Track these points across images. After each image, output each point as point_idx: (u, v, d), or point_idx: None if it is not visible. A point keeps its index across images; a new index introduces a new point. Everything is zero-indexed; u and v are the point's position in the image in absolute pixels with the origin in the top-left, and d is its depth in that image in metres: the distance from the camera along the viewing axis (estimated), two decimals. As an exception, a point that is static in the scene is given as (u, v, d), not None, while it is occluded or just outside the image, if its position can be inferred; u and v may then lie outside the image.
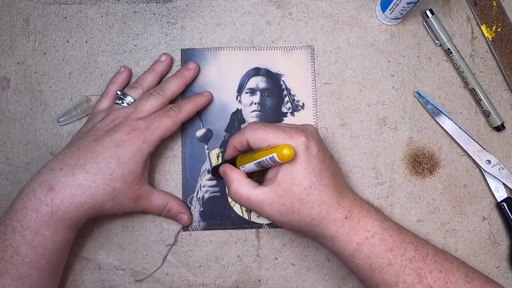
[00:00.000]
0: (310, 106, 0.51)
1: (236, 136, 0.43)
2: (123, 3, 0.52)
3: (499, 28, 0.51)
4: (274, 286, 0.49)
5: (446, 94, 0.51)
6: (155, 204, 0.46)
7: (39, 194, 0.40)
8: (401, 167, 0.50)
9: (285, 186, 0.39)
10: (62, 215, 0.41)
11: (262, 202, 0.40)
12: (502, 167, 0.49)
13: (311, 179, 0.39)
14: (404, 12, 0.48)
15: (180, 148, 0.50)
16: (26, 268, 0.40)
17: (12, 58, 0.51)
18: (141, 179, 0.44)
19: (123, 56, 0.51)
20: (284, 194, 0.39)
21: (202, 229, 0.49)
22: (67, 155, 0.42)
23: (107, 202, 0.42)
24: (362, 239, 0.40)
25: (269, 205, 0.40)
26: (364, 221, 0.41)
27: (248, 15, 0.52)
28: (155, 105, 0.45)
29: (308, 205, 0.39)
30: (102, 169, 0.41)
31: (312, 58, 0.51)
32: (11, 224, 0.40)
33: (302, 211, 0.40)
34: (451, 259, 0.42)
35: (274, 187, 0.40)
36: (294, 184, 0.39)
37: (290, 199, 0.39)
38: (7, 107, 0.50)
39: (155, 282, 0.49)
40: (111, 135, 0.43)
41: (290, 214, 0.40)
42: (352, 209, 0.41)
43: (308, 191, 0.39)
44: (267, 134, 0.40)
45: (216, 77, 0.51)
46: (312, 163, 0.39)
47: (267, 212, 0.40)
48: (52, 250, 0.41)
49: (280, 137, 0.40)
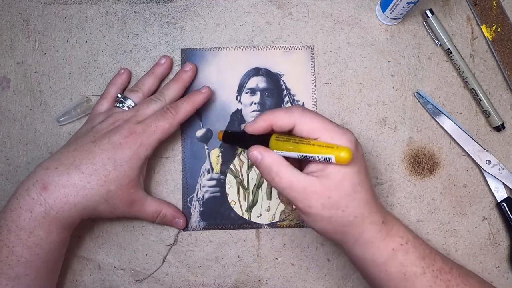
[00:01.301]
0: (310, 106, 0.51)
1: (278, 113, 0.39)
2: (123, 3, 0.52)
3: (499, 28, 0.51)
4: (274, 286, 0.49)
5: (446, 94, 0.51)
6: (149, 211, 0.46)
7: (33, 193, 0.40)
8: (401, 167, 0.50)
9: (336, 179, 0.37)
10: (55, 215, 0.40)
11: (306, 189, 0.37)
12: (502, 167, 0.49)
13: (360, 176, 0.38)
14: (404, 12, 0.48)
15: (180, 148, 0.50)
16: (22, 268, 0.40)
17: (12, 58, 0.51)
18: (136, 183, 0.44)
19: (123, 56, 0.51)
20: (333, 187, 0.37)
21: (202, 229, 0.49)
22: (63, 154, 0.42)
23: (101, 204, 0.42)
24: (397, 245, 0.39)
25: (313, 193, 0.37)
26: (397, 227, 0.40)
27: (248, 15, 0.52)
28: (156, 111, 0.45)
29: (355, 202, 0.37)
30: (97, 170, 0.41)
31: (312, 58, 0.51)
32: (5, 224, 0.40)
33: (348, 208, 0.37)
34: (471, 274, 0.41)
35: (322, 179, 0.37)
36: (345, 179, 0.37)
37: (338, 193, 0.37)
38: (7, 107, 0.50)
39: (155, 282, 0.49)
40: (109, 137, 0.42)
41: (335, 209, 0.37)
42: (386, 214, 0.40)
43: (356, 188, 0.37)
44: (319, 126, 0.37)
45: (216, 77, 0.51)
46: (361, 161, 0.38)
47: (309, 201, 0.37)
48: (47, 250, 0.41)
49: (332, 130, 0.37)
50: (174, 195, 0.50)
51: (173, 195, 0.50)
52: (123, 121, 0.44)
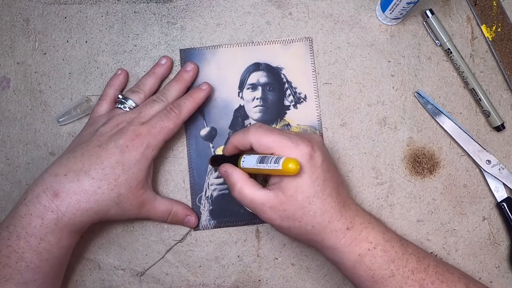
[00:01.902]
0: (312, 97, 0.51)
1: (238, 135, 0.42)
2: (123, 3, 0.52)
3: (499, 28, 0.51)
4: (274, 286, 0.49)
5: (446, 94, 0.51)
6: (159, 210, 0.46)
7: (44, 201, 0.40)
8: (401, 167, 0.50)
9: (288, 193, 0.39)
10: (67, 221, 0.41)
11: (264, 204, 0.40)
12: (502, 167, 0.49)
13: (315, 188, 0.39)
14: (404, 12, 0.48)
15: (184, 148, 0.50)
16: (30, 274, 0.40)
17: (12, 58, 0.51)
18: (145, 184, 0.44)
19: (123, 56, 0.51)
20: (287, 201, 0.39)
21: (213, 227, 0.49)
22: (70, 160, 0.42)
23: (112, 207, 0.42)
24: (364, 250, 0.40)
25: (270, 208, 0.40)
26: (366, 232, 0.40)
27: (248, 15, 0.52)
28: (159, 111, 0.45)
29: (310, 213, 0.39)
30: (107, 175, 0.41)
31: (311, 50, 0.51)
32: (15, 230, 0.40)
33: (304, 219, 0.39)
34: (452, 270, 0.42)
35: (278, 193, 0.40)
36: (298, 192, 0.39)
37: (292, 206, 0.39)
38: (7, 107, 0.50)
39: (155, 282, 0.49)
40: (115, 141, 0.42)
41: (292, 220, 0.40)
42: (354, 220, 0.41)
43: (310, 199, 0.39)
44: (272, 141, 0.40)
45: (216, 75, 0.51)
46: (316, 172, 0.39)
47: (268, 215, 0.40)
48: (56, 255, 0.41)
49: (285, 145, 0.39)
50: (182, 195, 0.50)
51: (181, 196, 0.50)
52: (127, 123, 0.44)
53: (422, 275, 0.40)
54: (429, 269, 0.40)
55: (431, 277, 0.40)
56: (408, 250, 0.41)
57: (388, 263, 0.40)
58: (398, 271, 0.39)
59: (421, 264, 0.40)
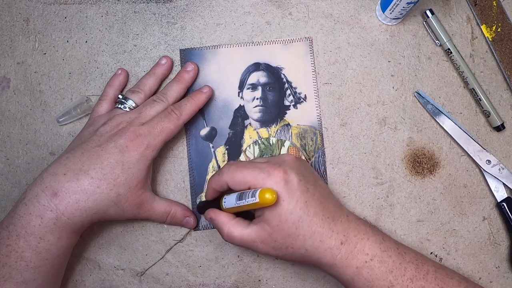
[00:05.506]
0: (312, 97, 0.51)
1: (214, 178, 0.42)
2: (123, 3, 0.52)
3: (499, 28, 0.51)
4: (274, 286, 0.49)
5: (446, 94, 0.51)
6: (158, 210, 0.46)
7: (43, 200, 0.40)
8: (401, 167, 0.50)
9: (273, 223, 0.39)
10: (66, 220, 0.41)
11: (255, 241, 0.40)
12: (502, 167, 0.49)
13: (297, 212, 0.39)
14: (404, 12, 0.48)
15: (184, 148, 0.50)
16: (30, 273, 0.40)
17: (12, 58, 0.51)
18: (144, 184, 0.44)
19: (123, 56, 0.51)
20: (274, 231, 0.39)
21: (213, 227, 0.49)
22: (69, 159, 0.42)
23: (111, 207, 0.42)
24: (361, 263, 0.40)
25: (262, 243, 0.40)
26: (362, 244, 0.40)
27: (248, 15, 0.52)
28: (159, 112, 0.46)
29: (299, 238, 0.39)
30: (106, 175, 0.41)
31: (311, 50, 0.51)
32: (14, 229, 0.40)
33: (295, 245, 0.39)
34: (451, 274, 0.42)
35: (264, 226, 0.40)
36: (282, 221, 0.39)
37: (280, 235, 0.39)
38: (7, 107, 0.50)
39: (155, 282, 0.49)
40: (115, 141, 0.42)
41: (284, 248, 0.40)
42: (347, 233, 0.40)
43: (296, 225, 0.39)
44: (245, 176, 0.40)
45: (216, 75, 0.51)
46: (295, 196, 0.39)
47: (262, 249, 0.40)
48: (56, 254, 0.41)
49: (257, 177, 0.39)
50: (182, 195, 0.50)
51: (181, 196, 0.50)
52: (127, 123, 0.44)
53: (421, 283, 0.40)
54: (428, 276, 0.40)
55: (431, 283, 0.40)
56: (406, 258, 0.41)
57: (386, 274, 0.39)
58: (397, 281, 0.39)
59: (420, 271, 0.40)
